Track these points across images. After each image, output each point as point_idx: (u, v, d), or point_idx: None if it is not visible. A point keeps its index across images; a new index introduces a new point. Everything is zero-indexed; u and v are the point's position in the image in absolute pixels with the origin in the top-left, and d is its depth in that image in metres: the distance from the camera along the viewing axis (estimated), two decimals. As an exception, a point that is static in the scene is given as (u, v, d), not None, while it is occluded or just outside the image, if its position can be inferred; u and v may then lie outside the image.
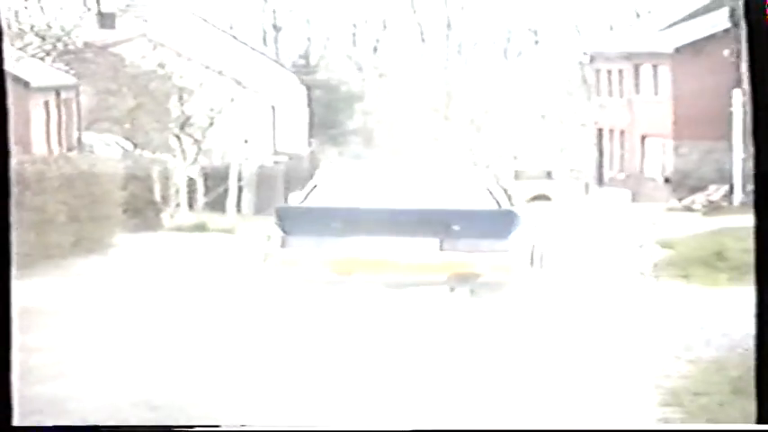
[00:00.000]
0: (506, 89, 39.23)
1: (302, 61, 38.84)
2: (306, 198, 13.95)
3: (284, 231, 13.23)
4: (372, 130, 39.20)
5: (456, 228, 13.13)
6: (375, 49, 39.89)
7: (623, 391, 9.31)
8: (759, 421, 6.27)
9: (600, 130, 35.87)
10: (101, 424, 7.63)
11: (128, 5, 33.17)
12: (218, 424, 7.60)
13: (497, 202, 13.82)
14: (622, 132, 34.72)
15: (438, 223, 13.14)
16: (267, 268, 13.50)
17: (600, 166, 35.64)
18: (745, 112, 28.77)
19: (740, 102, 28.69)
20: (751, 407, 8.61)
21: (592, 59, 36.48)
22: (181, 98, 28.33)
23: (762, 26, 5.81)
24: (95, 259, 17.55)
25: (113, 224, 19.72)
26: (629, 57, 34.10)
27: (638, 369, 10.08)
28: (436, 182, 14.35)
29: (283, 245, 13.23)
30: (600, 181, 35.45)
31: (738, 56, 28.45)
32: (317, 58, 39.34)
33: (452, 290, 13.07)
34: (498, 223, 13.33)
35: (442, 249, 13.15)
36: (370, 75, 39.67)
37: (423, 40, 39.75)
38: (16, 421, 5.44)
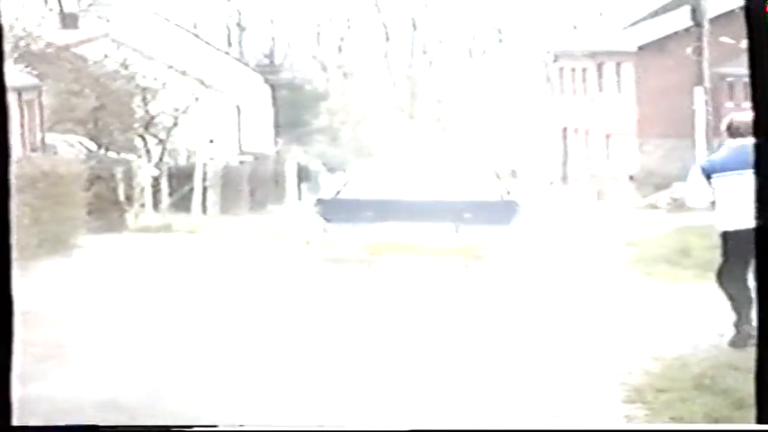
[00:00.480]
0: (471, 88, 39.32)
1: (267, 61, 38.80)
2: (340, 192, 16.62)
3: (325, 220, 15.98)
4: (338, 129, 39.21)
5: (467, 215, 15.85)
6: (340, 49, 39.91)
7: (587, 389, 9.36)
8: (759, 421, 6.31)
9: (564, 129, 36.01)
10: (98, 424, 7.62)
11: (90, 5, 33.06)
12: (216, 424, 7.62)
13: (501, 195, 16.50)
14: (587, 131, 34.88)
15: (453, 212, 15.80)
16: (309, 251, 16.10)
17: (564, 164, 35.79)
18: (707, 111, 28.97)
19: (702, 99, 28.86)
20: (713, 402, 8.67)
21: (555, 58, 36.61)
22: (144, 98, 28.23)
23: (762, 26, 5.83)
24: (59, 261, 17.47)
25: (77, 225, 19.62)
26: (592, 55, 34.26)
27: (602, 366, 10.13)
28: (451, 177, 17.14)
29: (324, 231, 15.99)
30: (564, 179, 35.59)
31: (700, 54, 28.63)
32: (281, 58, 39.32)
33: (466, 267, 15.52)
34: (502, 212, 16.00)
35: (456, 233, 15.82)
36: (334, 74, 39.68)
37: (387, 39, 39.80)
38: (16, 421, 5.41)
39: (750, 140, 10.53)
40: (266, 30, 39.14)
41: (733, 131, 10.68)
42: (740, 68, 30.31)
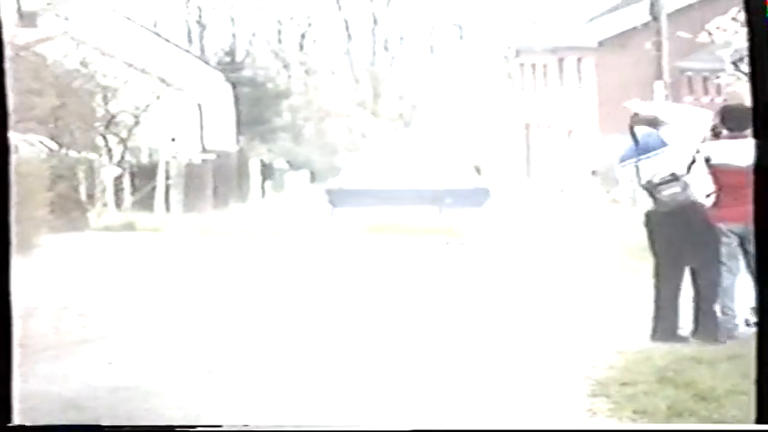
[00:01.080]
0: (433, 84, 39.35)
1: (228, 58, 38.67)
2: (344, 181, 21.28)
3: (332, 205, 20.58)
4: (301, 127, 39.14)
5: (448, 200, 20.13)
6: (301, 46, 39.84)
7: (551, 383, 9.39)
8: (759, 421, 6.35)
9: (527, 125, 36.09)
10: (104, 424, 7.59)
11: (49, 3, 32.85)
12: (220, 424, 7.61)
13: (475, 183, 21.03)
14: (549, 127, 34.97)
15: (437, 198, 20.00)
16: (318, 230, 19.53)
17: (527, 160, 35.86)
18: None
19: (662, 94, 28.99)
20: (676, 395, 8.71)
21: (516, 54, 36.69)
22: (105, 97, 28.08)
23: (762, 26, 5.85)
24: (20, 261, 17.36)
25: (39, 225, 19.50)
26: (553, 51, 34.34)
27: (565, 360, 10.16)
28: (435, 168, 21.44)
29: (332, 214, 20.55)
30: (528, 174, 35.67)
31: (659, 48, 28.76)
32: (242, 56, 39.21)
33: (447, 243, 18.29)
34: (476, 197, 20.27)
35: (439, 215, 19.84)
36: (296, 71, 39.61)
37: (349, 36, 39.77)
38: (16, 420, 5.40)
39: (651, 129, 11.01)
40: (227, 27, 39.02)
41: (637, 120, 11.08)
42: (698, 63, 30.49)
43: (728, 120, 11.20)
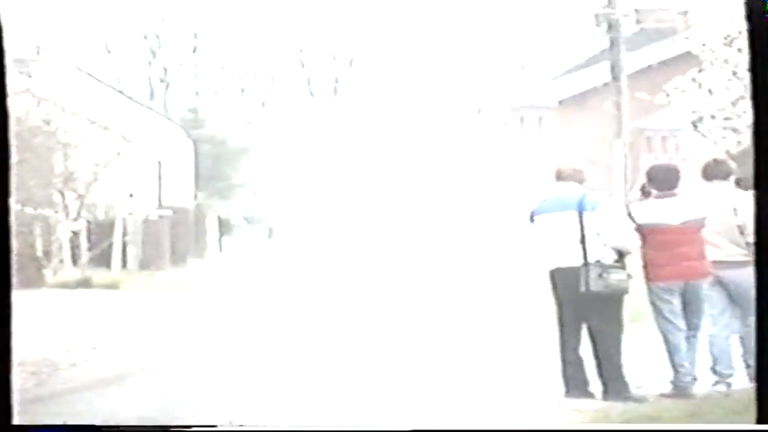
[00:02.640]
0: (396, 142, 39.44)
1: (191, 115, 38.67)
2: None
3: None
4: (259, 183, 39.11)
5: None
6: (263, 104, 39.89)
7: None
8: (759, 421, 6.29)
9: (486, 181, 36.18)
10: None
11: (12, 60, 32.69)
12: (216, 424, 7.49)
13: None
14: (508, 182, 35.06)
15: None
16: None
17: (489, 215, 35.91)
18: (625, 164, 29.25)
19: (621, 152, 29.17)
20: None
21: (479, 111, 36.87)
22: (65, 153, 27.95)
23: (762, 26, 5.82)
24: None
25: (-6, 281, 19.27)
26: (515, 109, 34.53)
27: (523, 417, 10.09)
28: None
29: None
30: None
31: (619, 108, 28.98)
32: (205, 112, 39.21)
33: None
34: None
35: None
36: (257, 128, 39.64)
37: (310, 93, 39.85)
38: (16, 420, 5.29)
39: (572, 185, 11.13)
40: (191, 85, 39.04)
41: (558, 175, 11.13)
42: (657, 123, 30.70)
43: (656, 179, 11.23)
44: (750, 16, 5.97)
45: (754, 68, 5.94)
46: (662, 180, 11.22)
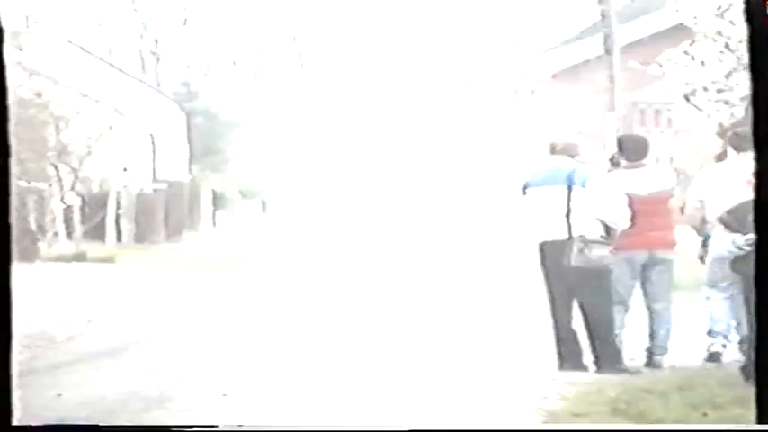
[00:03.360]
0: (389, 116, 39.42)
1: (183, 89, 38.59)
2: None
3: None
4: (254, 157, 39.09)
5: None
6: (255, 76, 39.83)
7: (502, 413, 9.36)
8: (759, 421, 6.33)
9: (481, 155, 36.20)
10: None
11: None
12: (216, 424, 7.53)
13: None
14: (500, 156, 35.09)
15: None
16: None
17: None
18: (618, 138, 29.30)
19: (614, 126, 29.19)
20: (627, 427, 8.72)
21: (471, 84, 36.85)
22: (57, 127, 27.90)
23: (762, 26, 5.84)
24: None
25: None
26: (507, 82, 34.51)
27: (515, 390, 10.14)
28: None
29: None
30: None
31: (612, 81, 28.97)
32: (197, 86, 39.14)
33: None
34: None
35: None
36: (250, 101, 39.59)
37: (302, 66, 39.81)
38: (16, 421, 5.30)
39: (564, 159, 11.15)
40: (182, 58, 38.97)
41: (552, 149, 11.18)
42: (651, 95, 30.71)
43: (626, 149, 11.27)
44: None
45: (752, 42, 5.97)
46: (631, 150, 11.28)
